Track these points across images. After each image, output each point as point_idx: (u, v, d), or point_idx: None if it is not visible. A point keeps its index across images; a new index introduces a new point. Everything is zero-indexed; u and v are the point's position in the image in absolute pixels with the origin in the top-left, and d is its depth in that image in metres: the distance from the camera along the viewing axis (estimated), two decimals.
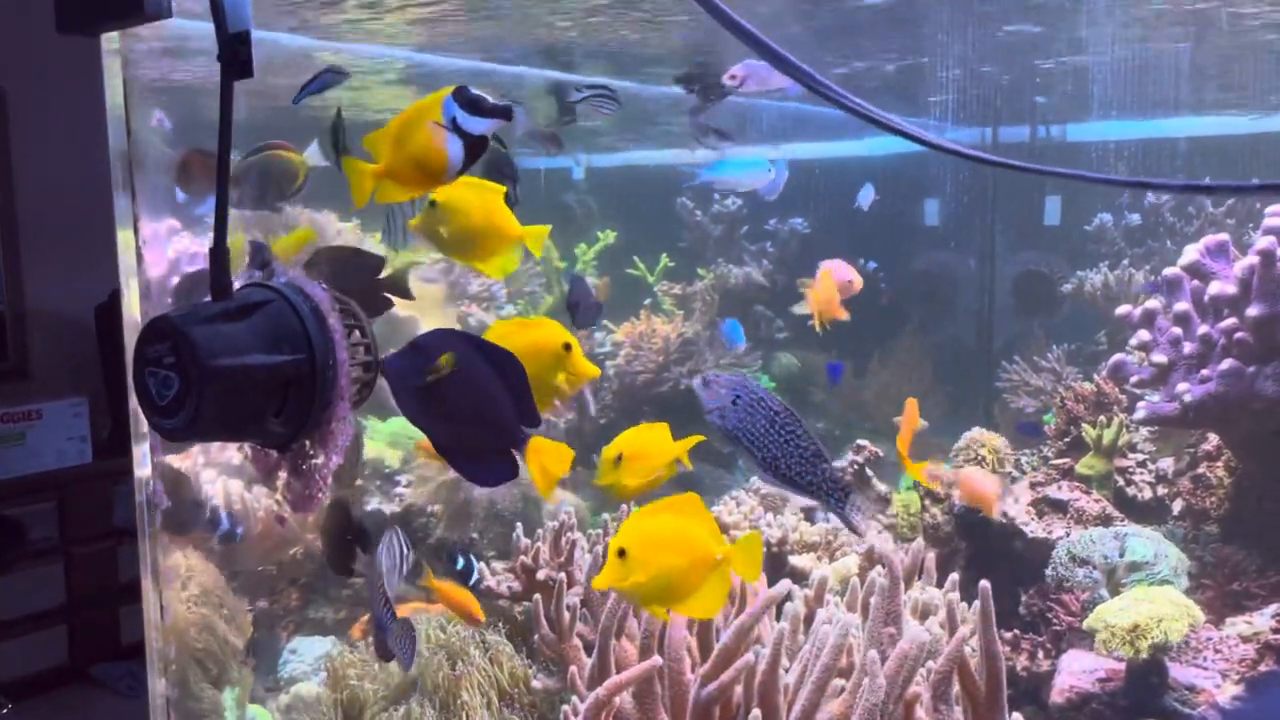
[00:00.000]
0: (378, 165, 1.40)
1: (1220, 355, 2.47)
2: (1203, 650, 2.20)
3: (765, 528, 2.36)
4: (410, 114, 1.37)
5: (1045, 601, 2.48)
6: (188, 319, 1.21)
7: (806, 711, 1.56)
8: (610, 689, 1.56)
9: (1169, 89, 5.99)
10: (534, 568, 1.98)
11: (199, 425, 1.20)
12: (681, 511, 1.31)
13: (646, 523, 1.31)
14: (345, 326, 1.35)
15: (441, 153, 1.34)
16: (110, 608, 4.47)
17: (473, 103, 1.32)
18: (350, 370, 1.35)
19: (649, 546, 1.28)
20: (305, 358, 1.27)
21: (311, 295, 1.33)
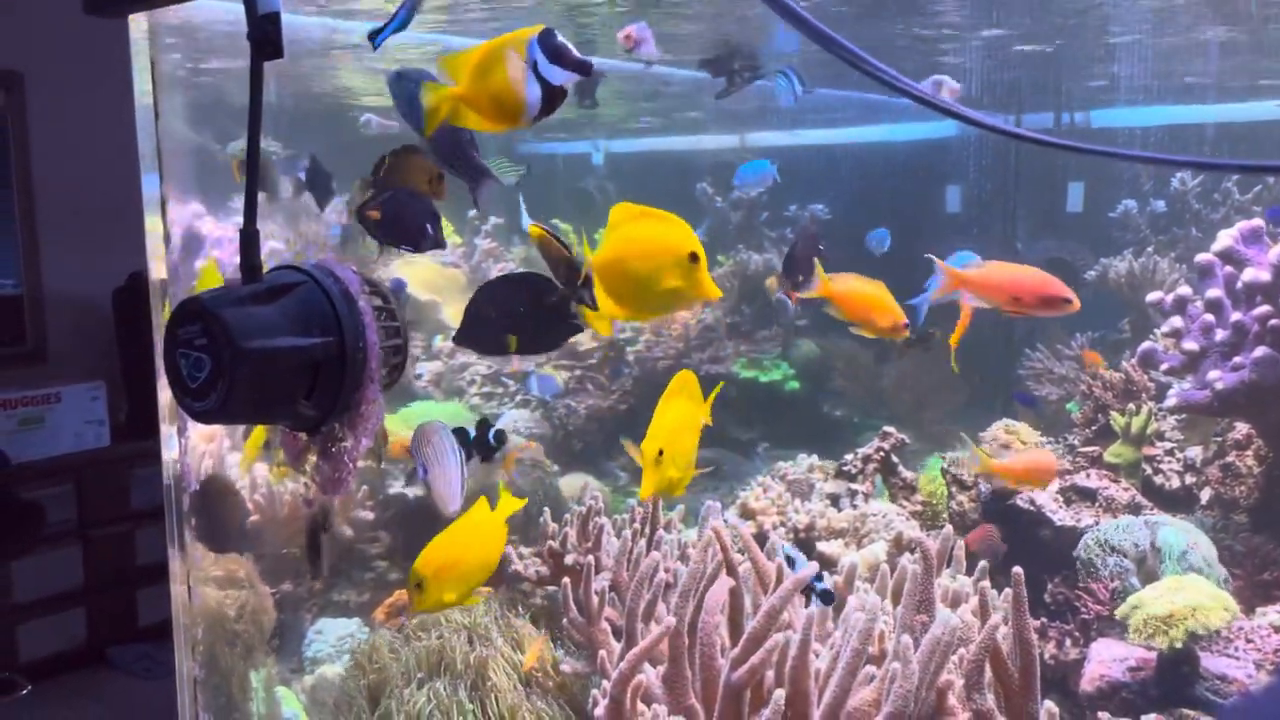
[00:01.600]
0: (457, 89, 1.37)
1: (1253, 343, 2.44)
2: (1234, 640, 2.18)
3: (793, 514, 2.35)
4: (495, 45, 1.34)
5: (1073, 590, 2.46)
6: (219, 300, 1.21)
7: (838, 697, 1.55)
8: (632, 661, 1.56)
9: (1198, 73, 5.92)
10: (562, 552, 1.97)
11: (230, 407, 1.19)
12: (687, 396, 1.50)
13: (669, 419, 1.50)
14: (375, 309, 1.34)
15: (520, 94, 1.32)
16: (128, 590, 4.50)
17: (556, 50, 1.30)
18: (380, 353, 1.35)
19: (676, 441, 1.43)
20: (335, 340, 1.26)
21: (341, 278, 1.32)
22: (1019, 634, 1.55)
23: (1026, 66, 5.82)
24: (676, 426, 1.55)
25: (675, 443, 1.53)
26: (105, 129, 4.04)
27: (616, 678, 1.57)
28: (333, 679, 2.51)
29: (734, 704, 1.58)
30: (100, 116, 4.38)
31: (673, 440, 1.52)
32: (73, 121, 4.81)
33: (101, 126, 4.27)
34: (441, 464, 2.02)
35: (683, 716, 1.65)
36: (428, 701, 1.76)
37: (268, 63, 1.24)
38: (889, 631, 1.67)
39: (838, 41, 1.10)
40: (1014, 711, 1.56)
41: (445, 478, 1.99)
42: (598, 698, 1.62)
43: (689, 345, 5.39)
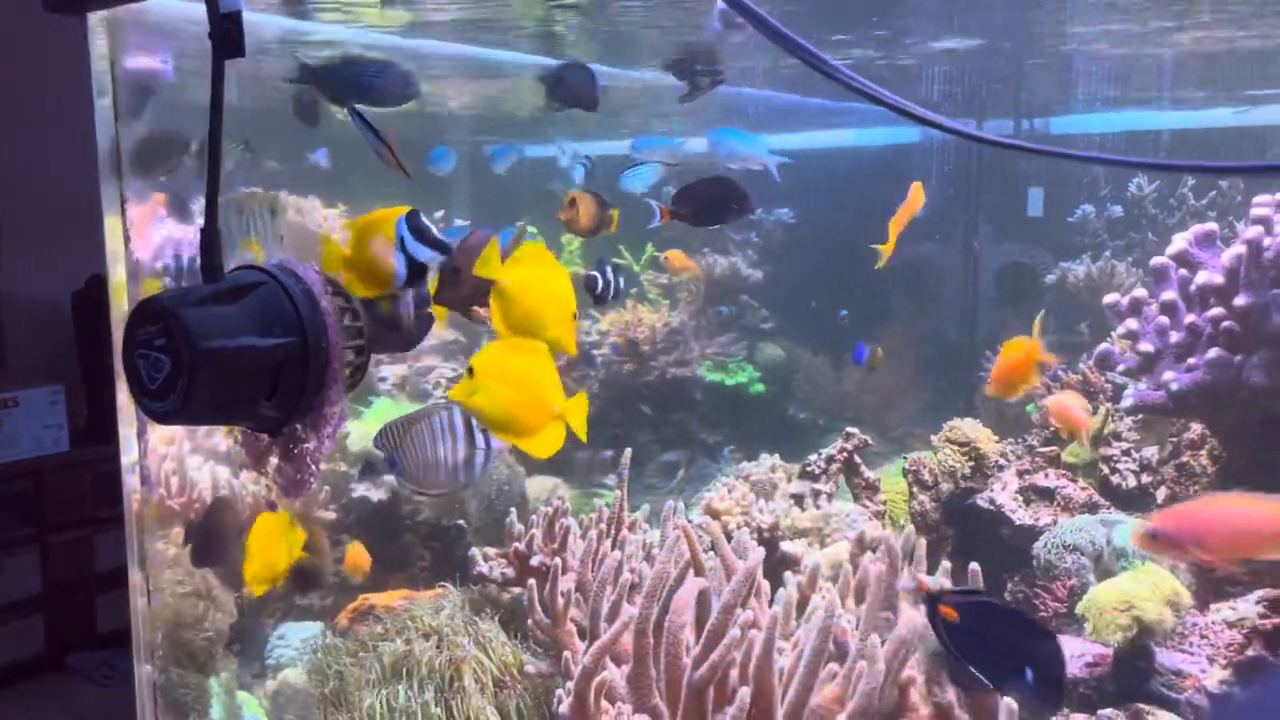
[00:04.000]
0: (346, 253, 1.48)
1: (1207, 344, 2.49)
2: (1189, 636, 2.22)
3: (757, 513, 2.37)
4: (370, 221, 1.47)
5: (1031, 588, 2.49)
6: (179, 300, 1.20)
7: (801, 695, 1.57)
8: (595, 656, 1.57)
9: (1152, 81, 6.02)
10: (527, 554, 1.97)
11: (190, 408, 1.18)
12: (533, 357, 1.52)
13: (500, 356, 1.52)
14: (337, 310, 1.34)
15: (388, 268, 1.45)
16: (87, 597, 4.43)
17: (419, 230, 1.45)
18: (343, 353, 1.34)
19: (496, 376, 1.50)
20: (297, 340, 1.26)
21: (304, 278, 1.31)
22: None
23: (987, 73, 5.90)
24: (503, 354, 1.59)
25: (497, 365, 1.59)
26: (64, 130, 3.98)
27: (579, 674, 1.58)
28: (295, 684, 2.49)
29: (697, 702, 1.59)
30: (59, 115, 4.31)
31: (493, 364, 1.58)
32: (32, 120, 4.74)
33: (60, 128, 4.21)
34: (416, 449, 2.02)
35: (647, 716, 1.65)
36: (389, 707, 1.75)
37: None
38: (852, 629, 1.69)
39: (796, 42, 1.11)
40: (974, 705, 1.58)
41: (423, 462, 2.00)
42: (562, 696, 1.62)
43: (655, 348, 5.40)
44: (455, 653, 1.79)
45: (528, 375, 1.53)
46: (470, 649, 1.79)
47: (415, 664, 1.80)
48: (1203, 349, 2.49)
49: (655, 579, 1.68)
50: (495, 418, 1.55)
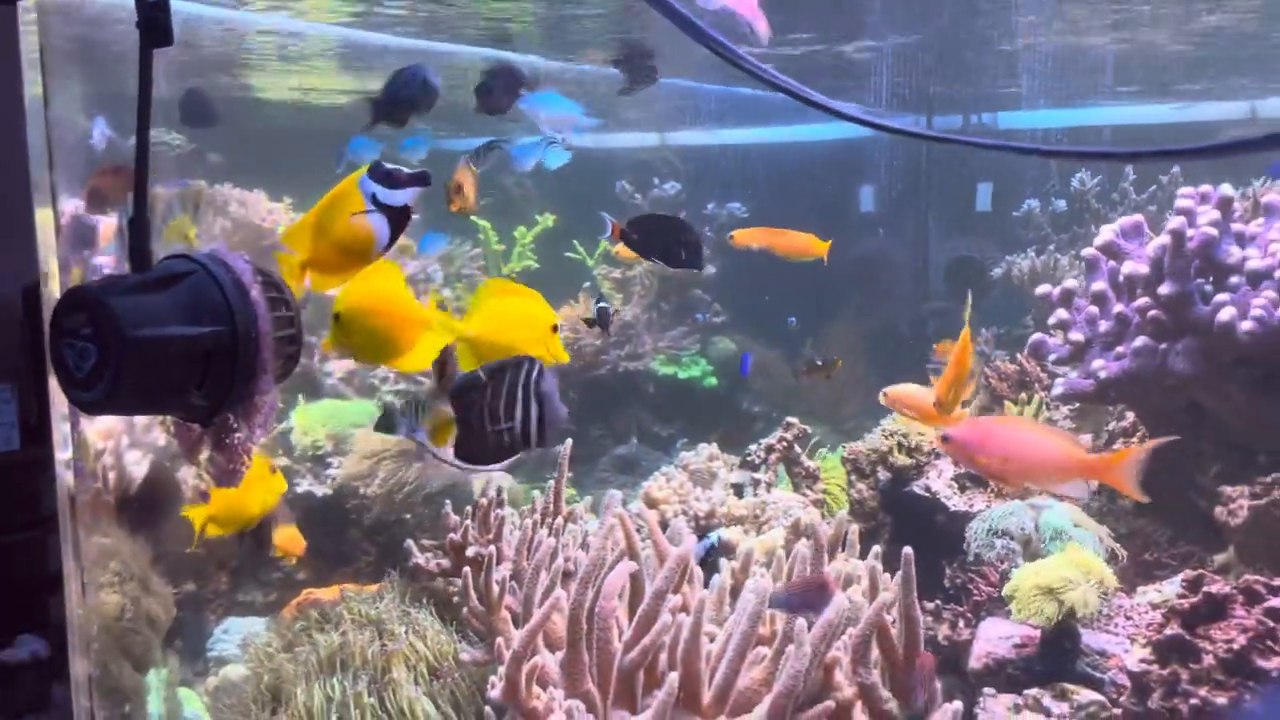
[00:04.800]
0: (301, 255, 1.45)
1: (1134, 333, 2.55)
2: (1114, 617, 2.29)
3: (694, 502, 2.40)
4: (328, 202, 1.43)
5: (967, 573, 2.55)
6: (106, 289, 1.20)
7: (728, 678, 1.60)
8: (525, 639, 1.59)
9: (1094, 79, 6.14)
10: (463, 545, 1.98)
11: (117, 397, 1.18)
12: (388, 278, 1.56)
13: (362, 287, 1.54)
14: (268, 300, 1.34)
15: (366, 233, 1.42)
16: (40, 599, 4.37)
17: (388, 176, 1.40)
18: (274, 343, 1.35)
19: (361, 312, 1.54)
20: (226, 330, 1.26)
21: (234, 267, 1.32)
22: (905, 613, 1.61)
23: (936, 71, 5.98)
24: (369, 304, 1.62)
25: (358, 316, 1.62)
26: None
27: (510, 659, 1.59)
28: (236, 680, 2.48)
29: (627, 686, 1.62)
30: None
31: (356, 314, 1.62)
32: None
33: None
34: None
35: (580, 700, 1.67)
36: (325, 699, 1.76)
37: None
38: (779, 613, 1.72)
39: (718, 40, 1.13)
40: (898, 686, 1.62)
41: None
42: (495, 681, 1.64)
43: (607, 342, 5.42)
44: (389, 644, 1.80)
45: (387, 301, 1.58)
46: (403, 640, 1.80)
47: (350, 655, 1.80)
48: (1130, 337, 2.56)
49: (590, 566, 1.69)
50: (372, 352, 1.62)
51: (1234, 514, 2.40)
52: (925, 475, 2.82)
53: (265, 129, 7.38)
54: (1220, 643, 1.87)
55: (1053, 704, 2.02)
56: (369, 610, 1.92)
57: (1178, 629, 1.92)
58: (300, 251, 1.46)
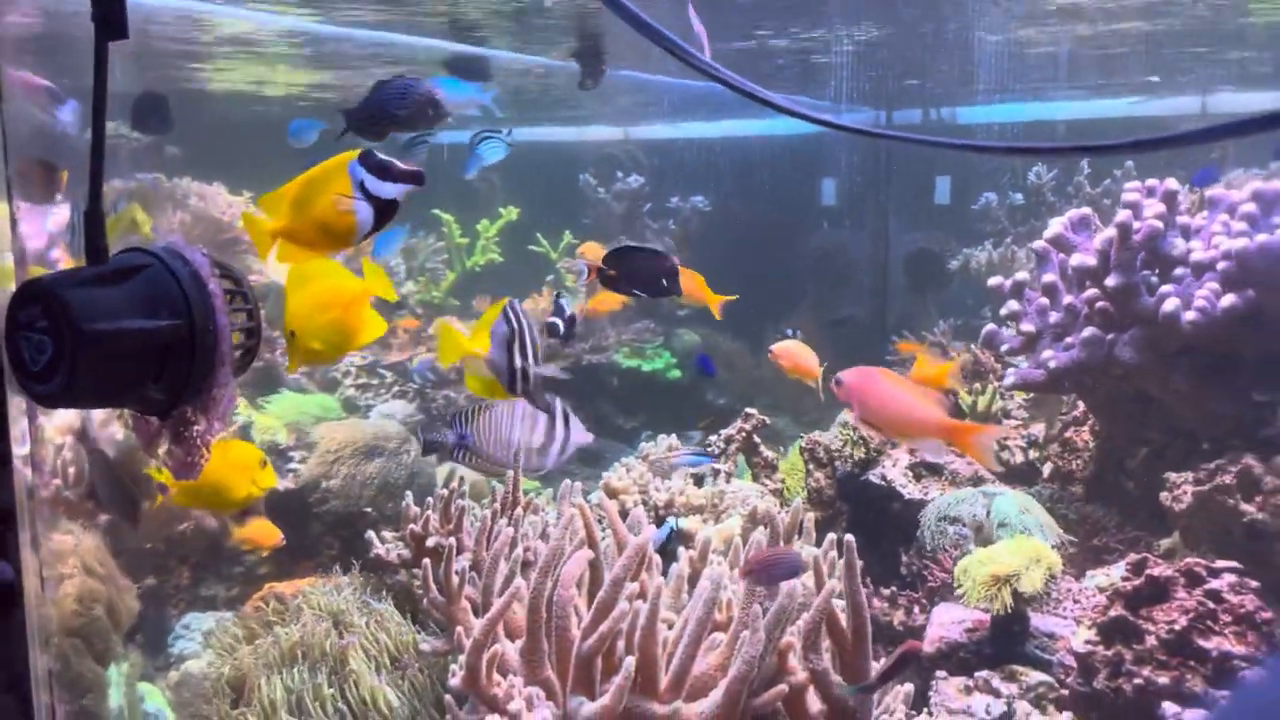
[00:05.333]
0: (276, 223, 1.44)
1: (1083, 324, 2.61)
2: (1063, 601, 2.35)
3: (654, 492, 2.43)
4: (314, 176, 1.41)
5: (922, 560, 2.60)
6: (61, 282, 1.20)
7: (684, 663, 1.63)
8: (485, 628, 1.61)
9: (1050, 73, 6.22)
10: (424, 535, 2.00)
11: (74, 390, 1.19)
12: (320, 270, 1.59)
13: (301, 296, 1.59)
14: (226, 293, 1.35)
15: (349, 217, 1.41)
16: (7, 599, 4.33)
17: (382, 167, 1.38)
18: (232, 336, 1.36)
19: (311, 319, 1.57)
20: (184, 323, 1.27)
21: (191, 260, 1.33)
22: (851, 598, 1.65)
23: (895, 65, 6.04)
24: (313, 305, 1.64)
25: (309, 320, 1.65)
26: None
27: (470, 647, 1.61)
28: (198, 673, 2.48)
29: (585, 672, 1.64)
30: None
31: (306, 319, 1.64)
32: None
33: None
34: (490, 429, 2.09)
35: (539, 687, 1.70)
36: (287, 690, 1.77)
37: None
38: (736, 600, 1.75)
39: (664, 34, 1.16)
40: (848, 669, 1.66)
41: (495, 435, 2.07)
42: (455, 670, 1.66)
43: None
44: (349, 635, 1.82)
45: (329, 294, 1.63)
46: (362, 631, 1.82)
47: (309, 647, 1.82)
48: (1079, 328, 2.62)
49: (549, 556, 1.72)
50: (335, 348, 1.64)
51: (1178, 500, 2.47)
52: (881, 464, 2.87)
53: (223, 122, 7.32)
54: (1162, 624, 1.93)
55: (1002, 685, 2.07)
56: (328, 602, 1.93)
57: (1121, 611, 1.98)
58: (275, 219, 1.45)
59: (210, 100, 6.34)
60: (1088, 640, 2.02)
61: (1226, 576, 1.96)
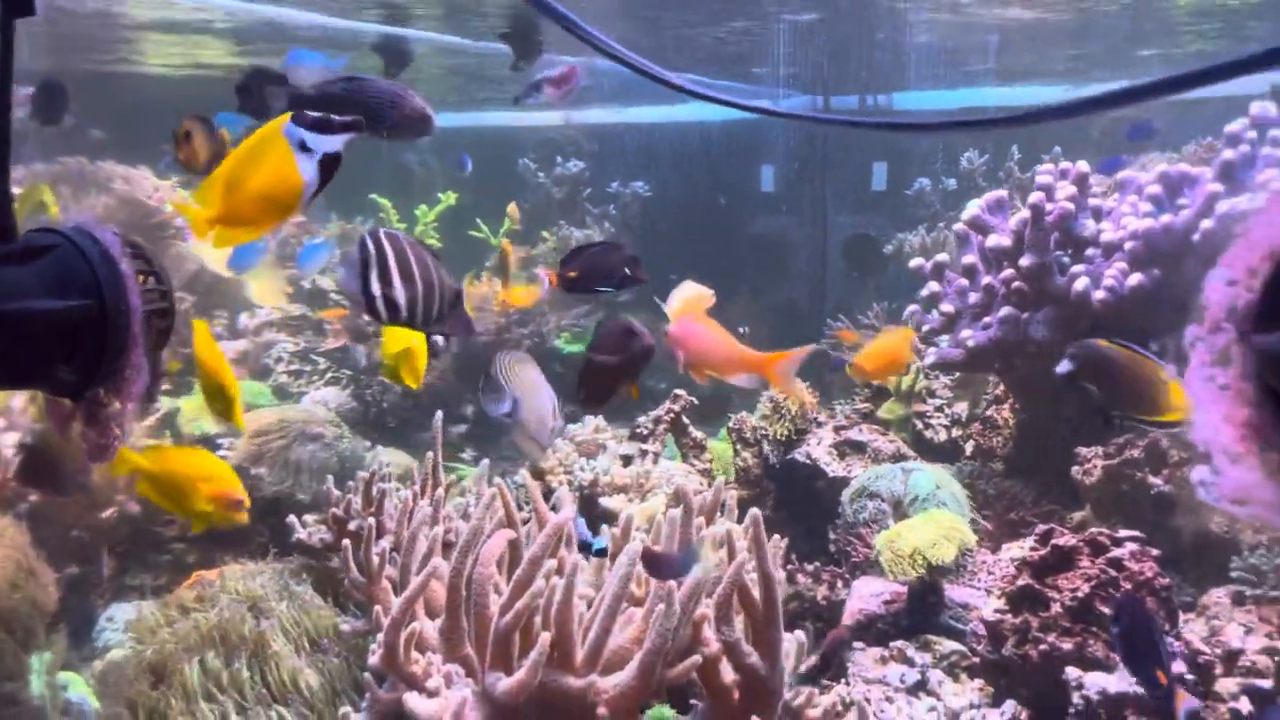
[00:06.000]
0: (210, 211, 1.41)
1: (1000, 303, 2.68)
2: (978, 573, 2.42)
3: (579, 472, 2.45)
4: (247, 149, 1.39)
5: (846, 536, 2.65)
6: None
7: (600, 638, 1.66)
8: (403, 607, 1.63)
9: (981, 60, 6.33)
10: (345, 518, 2.00)
11: None
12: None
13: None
14: (139, 273, 1.34)
15: (293, 179, 1.38)
16: None
17: (318, 123, 1.36)
18: (145, 316, 1.35)
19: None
20: (95, 303, 1.26)
21: (101, 240, 1.32)
22: (761, 571, 1.69)
23: (831, 51, 6.10)
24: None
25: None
26: None
27: (388, 625, 1.63)
28: (121, 661, 2.46)
29: (503, 649, 1.66)
30: None
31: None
32: None
33: None
34: (531, 394, 2.08)
35: (458, 664, 1.72)
36: (205, 674, 1.77)
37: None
38: None
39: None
40: (759, 640, 1.70)
41: (536, 410, 2.06)
42: (374, 649, 1.67)
43: (510, 321, 5.43)
44: (267, 619, 1.82)
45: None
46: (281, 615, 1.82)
47: (228, 632, 1.81)
48: (997, 308, 2.69)
49: (469, 535, 1.74)
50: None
51: (1089, 474, 2.55)
52: (806, 443, 2.92)
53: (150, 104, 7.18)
54: (1066, 591, 2.00)
55: (916, 655, 2.13)
56: (247, 587, 1.93)
57: (1029, 580, 2.04)
58: (209, 208, 1.42)
59: (136, 82, 6.22)
60: (997, 609, 2.08)
61: (1128, 545, 2.03)
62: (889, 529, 2.36)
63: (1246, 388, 0.82)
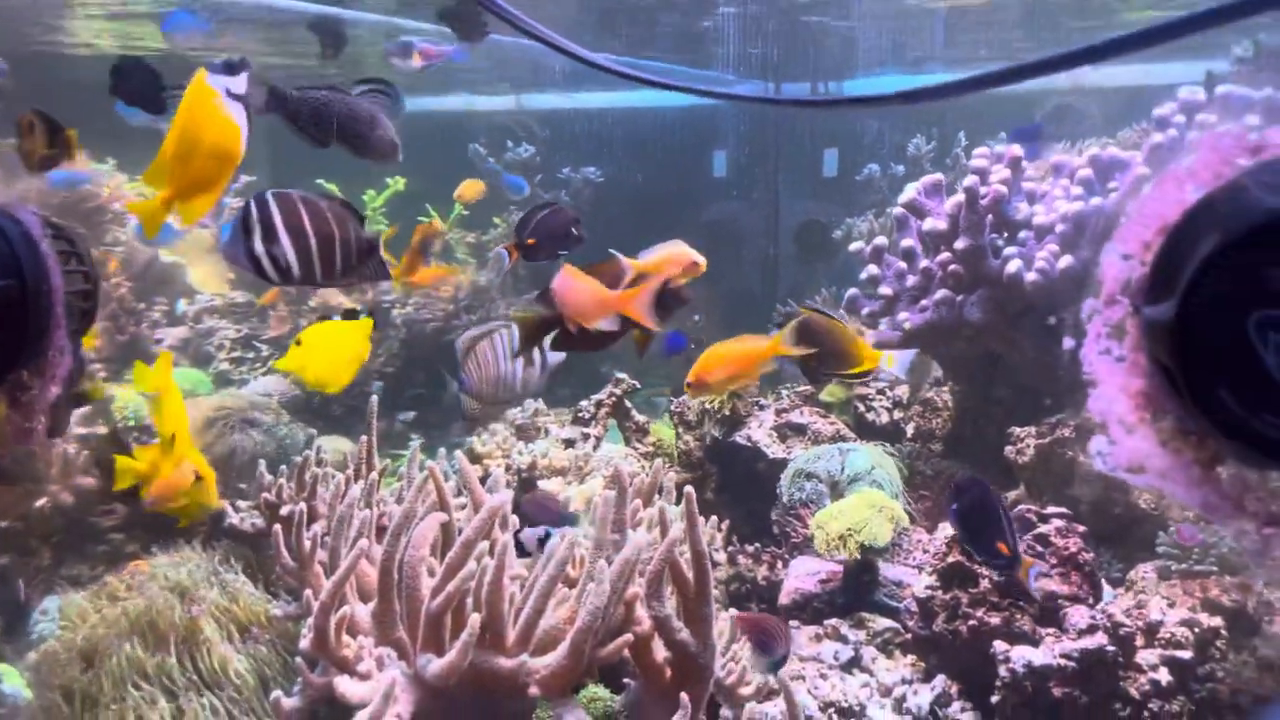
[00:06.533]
0: (166, 192, 1.44)
1: (937, 286, 2.71)
2: (913, 551, 2.45)
3: (516, 456, 2.45)
4: (184, 116, 1.42)
5: (785, 517, 2.68)
6: None
7: (531, 618, 1.66)
8: (332, 590, 1.62)
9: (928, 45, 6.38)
10: (278, 503, 1.99)
11: None
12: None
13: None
14: (61, 253, 1.32)
15: (235, 127, 1.44)
16: None
17: (228, 66, 1.43)
18: (67, 297, 1.33)
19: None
20: (15, 284, 1.24)
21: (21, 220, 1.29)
22: (693, 547, 1.70)
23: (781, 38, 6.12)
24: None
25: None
26: None
27: (318, 609, 1.62)
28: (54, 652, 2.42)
29: (435, 631, 1.66)
30: None
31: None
32: None
33: None
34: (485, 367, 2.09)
35: (390, 648, 1.72)
36: (129, 662, 1.75)
37: None
38: (588, 555, 1.79)
39: None
40: (691, 617, 1.71)
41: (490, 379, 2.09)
42: (305, 633, 1.66)
43: (459, 307, 5.40)
44: (197, 605, 1.80)
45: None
46: (209, 601, 1.80)
47: (157, 618, 1.79)
48: (934, 290, 2.72)
49: (400, 518, 1.73)
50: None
51: (1022, 453, 2.59)
52: (747, 426, 2.94)
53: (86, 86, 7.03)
54: None
55: (850, 632, 2.16)
56: (176, 574, 1.91)
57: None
58: (163, 187, 1.45)
59: (71, 63, 6.08)
60: (929, 586, 2.11)
61: (1055, 521, 2.08)
62: (826, 508, 2.38)
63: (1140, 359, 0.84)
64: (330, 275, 1.66)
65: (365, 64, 6.95)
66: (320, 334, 2.00)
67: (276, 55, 6.64)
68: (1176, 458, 0.82)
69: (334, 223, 1.64)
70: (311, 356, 1.92)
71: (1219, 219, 0.74)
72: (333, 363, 1.95)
